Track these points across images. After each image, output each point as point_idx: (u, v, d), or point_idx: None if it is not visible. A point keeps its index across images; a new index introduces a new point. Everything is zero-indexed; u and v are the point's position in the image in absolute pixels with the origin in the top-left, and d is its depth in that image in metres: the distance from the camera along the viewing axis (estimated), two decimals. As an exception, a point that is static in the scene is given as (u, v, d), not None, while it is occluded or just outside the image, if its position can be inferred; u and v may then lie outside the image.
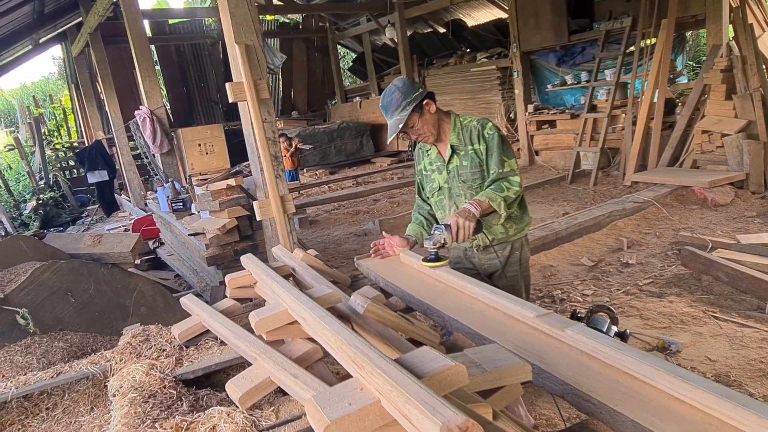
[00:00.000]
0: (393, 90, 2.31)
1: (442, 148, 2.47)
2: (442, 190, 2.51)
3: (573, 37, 8.61)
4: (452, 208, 2.49)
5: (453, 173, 2.45)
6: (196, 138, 8.35)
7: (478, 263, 2.55)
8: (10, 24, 8.76)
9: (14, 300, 2.70)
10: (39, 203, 9.97)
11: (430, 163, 2.54)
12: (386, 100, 2.32)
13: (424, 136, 2.39)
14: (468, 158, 2.41)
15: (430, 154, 2.53)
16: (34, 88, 22.35)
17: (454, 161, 2.44)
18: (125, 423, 1.70)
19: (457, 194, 2.46)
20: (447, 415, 0.82)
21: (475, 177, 2.41)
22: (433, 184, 2.54)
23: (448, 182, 2.48)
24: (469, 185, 2.42)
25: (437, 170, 2.51)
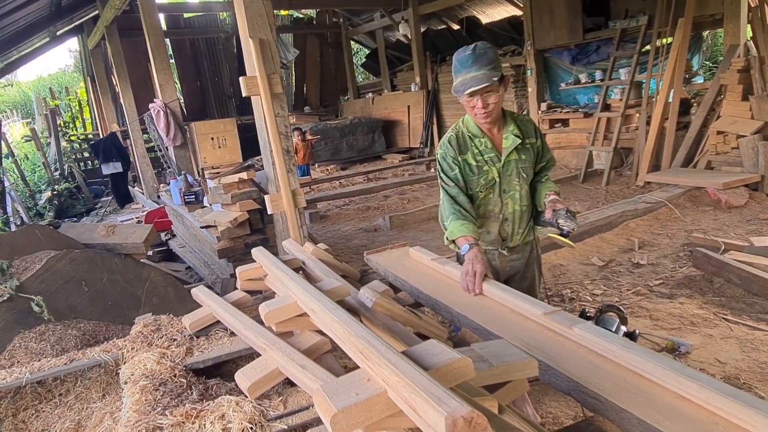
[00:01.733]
0: (485, 46, 2.13)
1: (496, 138, 2.29)
2: (494, 185, 2.32)
3: (588, 35, 8.54)
4: (498, 205, 2.34)
5: (508, 167, 2.29)
6: (209, 131, 8.40)
7: (499, 266, 2.45)
8: (28, 16, 8.86)
9: (29, 288, 2.75)
10: (54, 194, 10.10)
11: (480, 153, 2.29)
12: (479, 51, 2.10)
13: (489, 110, 2.17)
14: (527, 153, 2.31)
15: (480, 144, 2.28)
16: (50, 80, 22.59)
17: (513, 155, 2.28)
18: (136, 410, 1.73)
19: (505, 190, 2.31)
20: (452, 405, 0.83)
21: (530, 172, 2.34)
22: (487, 176, 2.30)
23: (500, 176, 2.30)
24: (526, 180, 2.32)
25: (490, 162, 2.29)
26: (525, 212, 2.38)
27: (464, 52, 2.14)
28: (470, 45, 2.15)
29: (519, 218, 2.38)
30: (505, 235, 2.41)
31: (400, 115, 12.27)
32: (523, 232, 2.41)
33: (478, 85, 2.07)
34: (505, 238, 2.41)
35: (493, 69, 2.07)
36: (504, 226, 2.38)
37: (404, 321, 1.85)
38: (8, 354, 2.50)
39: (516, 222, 2.37)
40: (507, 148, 2.27)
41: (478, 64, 2.08)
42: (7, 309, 2.62)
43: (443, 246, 2.37)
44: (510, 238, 2.41)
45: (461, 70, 2.13)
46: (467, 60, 2.11)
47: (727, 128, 6.25)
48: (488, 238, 2.43)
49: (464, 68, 2.11)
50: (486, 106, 2.15)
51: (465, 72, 2.11)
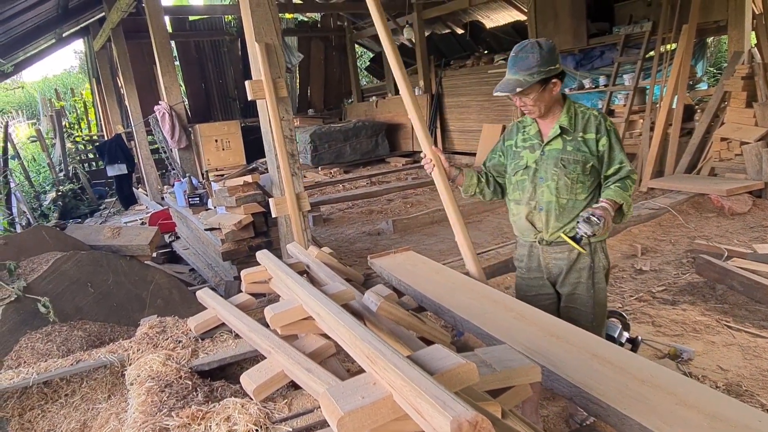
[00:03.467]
0: (534, 49, 2.11)
1: (545, 127, 2.31)
2: (527, 170, 2.33)
3: (592, 40, 8.56)
4: (530, 192, 2.33)
5: (548, 155, 2.27)
6: (212, 134, 8.44)
7: (543, 261, 2.40)
8: (35, 18, 8.92)
9: (36, 289, 2.78)
10: (58, 195, 10.15)
11: (524, 140, 2.36)
12: (520, 54, 2.12)
13: (530, 109, 2.24)
14: (575, 144, 2.24)
15: (528, 130, 2.36)
16: (56, 81, 22.70)
17: (557, 143, 2.26)
18: (142, 411, 1.74)
19: (541, 178, 2.29)
20: (457, 409, 0.85)
21: (576, 166, 2.24)
22: (520, 162, 2.35)
23: (537, 163, 2.30)
24: (567, 172, 2.24)
25: (530, 148, 2.33)
26: (565, 207, 2.28)
27: (513, 51, 2.17)
28: (523, 43, 2.16)
29: (556, 211, 2.29)
30: (540, 225, 2.35)
31: (403, 118, 12.29)
32: (563, 228, 2.30)
33: (503, 90, 2.14)
34: (540, 230, 2.36)
35: (529, 74, 2.09)
36: (536, 214, 2.34)
37: (408, 325, 1.87)
38: (15, 354, 2.52)
39: (552, 214, 2.29)
40: (549, 136, 2.28)
41: (515, 68, 2.12)
42: (15, 310, 2.65)
43: (446, 250, 2.40)
44: (544, 229, 2.34)
45: (508, 69, 2.19)
46: (510, 61, 2.16)
47: (731, 135, 6.25)
48: (518, 224, 2.43)
49: (508, 68, 2.17)
50: (524, 105, 2.22)
51: (507, 72, 2.17)
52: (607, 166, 2.25)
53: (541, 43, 2.12)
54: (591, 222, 2.07)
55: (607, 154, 2.24)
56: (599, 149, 2.24)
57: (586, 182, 2.27)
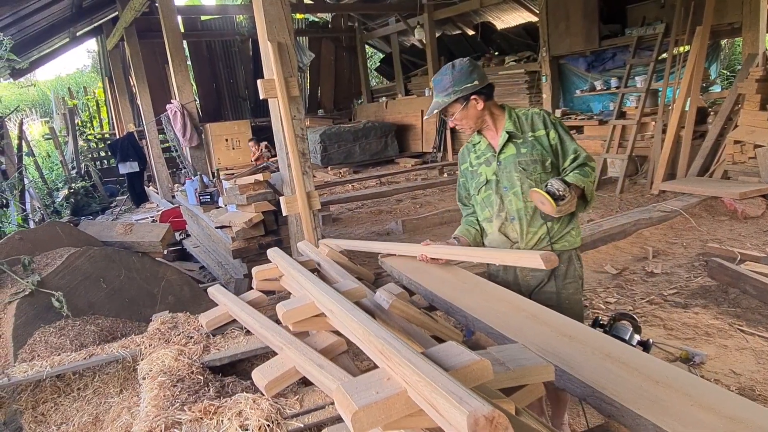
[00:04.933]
0: (447, 71, 2.18)
1: (493, 138, 2.29)
2: (489, 184, 2.30)
3: (604, 42, 8.52)
4: (498, 204, 2.29)
5: (505, 163, 2.24)
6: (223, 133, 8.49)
7: (520, 273, 2.32)
8: (49, 17, 9.02)
9: (50, 283, 2.80)
10: (71, 192, 10.25)
11: (477, 157, 2.35)
12: (437, 77, 2.21)
13: (462, 126, 2.27)
14: (528, 145, 2.22)
15: (479, 147, 2.35)
16: (69, 80, 22.92)
17: (509, 149, 2.24)
18: (155, 405, 1.76)
19: (505, 187, 2.25)
20: (474, 404, 0.85)
21: (535, 165, 2.20)
22: (479, 179, 2.33)
23: (496, 174, 2.27)
24: (528, 174, 2.20)
25: (485, 163, 2.31)
26: (535, 211, 2.22)
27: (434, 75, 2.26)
28: (443, 67, 2.25)
29: (528, 217, 2.25)
30: (514, 236, 2.29)
31: (413, 119, 12.30)
32: (539, 234, 2.26)
33: (429, 114, 2.24)
34: (515, 240, 2.29)
35: (445, 95, 2.16)
36: (509, 225, 2.29)
37: (420, 323, 1.87)
38: (29, 348, 2.55)
39: (524, 221, 2.25)
40: (500, 144, 2.26)
41: (436, 90, 2.20)
42: (29, 304, 2.67)
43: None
44: (521, 238, 2.27)
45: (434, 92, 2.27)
46: (433, 83, 2.25)
47: (745, 138, 6.19)
48: (493, 240, 2.36)
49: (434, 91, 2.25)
50: (456, 123, 2.26)
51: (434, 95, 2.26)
52: (563, 159, 2.22)
53: (455, 63, 2.18)
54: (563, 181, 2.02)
55: (560, 147, 2.22)
56: (551, 143, 2.22)
57: None
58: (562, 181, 2.03)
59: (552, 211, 2.02)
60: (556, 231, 2.26)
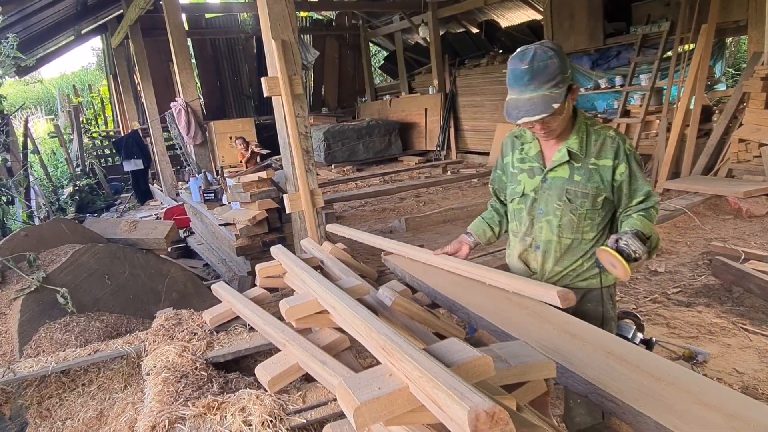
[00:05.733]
0: (548, 52, 1.68)
1: (548, 148, 1.91)
2: (524, 198, 1.96)
3: (608, 40, 8.49)
4: (526, 225, 1.98)
5: (551, 184, 1.89)
6: (227, 131, 8.52)
7: None
8: (54, 15, 9.05)
9: (55, 280, 2.82)
10: (75, 189, 10.29)
11: (521, 160, 1.98)
12: (538, 62, 1.66)
13: (552, 131, 1.80)
14: (585, 173, 1.83)
15: (527, 149, 1.97)
16: (73, 78, 23.01)
17: (562, 171, 1.86)
18: (159, 400, 1.77)
19: (540, 211, 1.93)
20: (475, 400, 0.85)
21: (585, 200, 1.84)
22: (516, 187, 1.99)
23: (536, 192, 1.93)
24: (573, 207, 1.86)
25: (528, 172, 1.95)
26: (569, 248, 1.92)
27: (520, 62, 1.70)
28: (528, 51, 1.70)
29: (555, 252, 1.94)
30: (534, 266, 2.01)
31: (417, 117, 12.29)
32: (564, 272, 1.96)
33: (534, 114, 1.68)
34: (534, 271, 2.01)
35: (555, 86, 1.67)
36: (531, 253, 2.00)
37: (422, 320, 1.88)
38: (34, 344, 2.57)
39: (550, 255, 1.94)
40: (554, 161, 1.87)
41: (536, 83, 1.67)
42: (34, 300, 2.69)
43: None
44: (540, 272, 1.99)
45: (515, 87, 1.72)
46: (522, 76, 1.68)
47: (750, 136, 6.17)
48: (512, 263, 2.11)
49: (518, 85, 1.70)
50: (546, 129, 1.79)
51: (519, 90, 1.70)
52: (627, 198, 1.86)
53: (550, 45, 1.72)
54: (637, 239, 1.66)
55: (627, 184, 1.84)
56: (616, 179, 1.84)
57: (595, 218, 1.89)
58: (638, 239, 1.67)
59: (624, 276, 1.68)
60: (586, 269, 1.95)
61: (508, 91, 1.77)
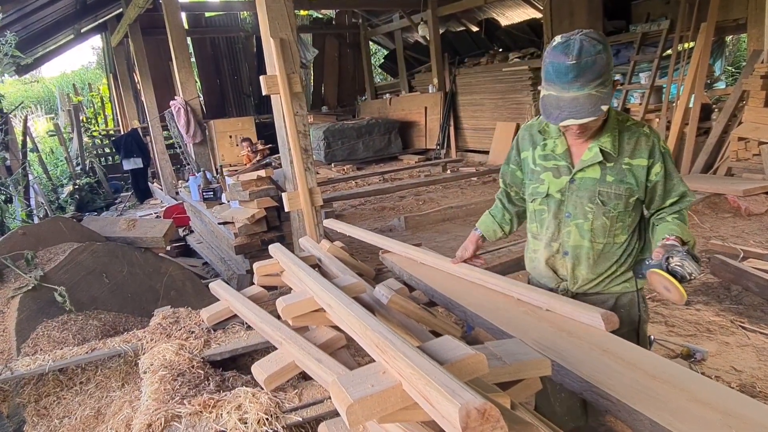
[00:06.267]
0: (597, 46, 1.50)
1: (575, 145, 1.76)
2: (548, 200, 1.81)
3: (608, 38, 8.48)
4: (552, 230, 1.83)
5: (580, 186, 1.74)
6: (227, 129, 8.51)
7: None
8: (54, 14, 9.05)
9: (53, 278, 2.82)
10: (75, 188, 10.29)
11: (544, 157, 1.81)
12: (586, 57, 1.48)
13: (589, 131, 1.67)
14: (617, 174, 1.71)
15: (552, 146, 1.79)
16: (73, 77, 23.01)
17: (592, 171, 1.72)
18: (155, 398, 1.77)
19: (568, 214, 1.78)
20: (466, 397, 0.85)
21: (618, 202, 1.72)
22: (538, 187, 1.82)
23: (563, 193, 1.77)
24: (606, 210, 1.73)
25: (553, 171, 1.78)
26: (601, 254, 1.79)
27: (564, 56, 1.51)
28: (572, 43, 1.51)
29: (589, 259, 1.80)
30: (563, 273, 1.88)
31: (417, 116, 12.29)
32: (598, 279, 1.84)
33: (580, 117, 1.52)
34: (563, 278, 1.88)
35: (602, 84, 1.51)
36: (559, 259, 1.85)
37: (419, 318, 1.88)
38: (32, 342, 2.57)
39: (582, 262, 1.80)
40: (584, 160, 1.72)
41: (583, 80, 1.50)
42: (32, 298, 2.69)
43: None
44: (571, 279, 1.86)
45: (556, 83, 1.53)
46: (567, 72, 1.50)
47: (749, 134, 6.16)
48: (538, 271, 1.96)
49: (561, 82, 1.52)
50: (585, 130, 1.64)
51: (561, 87, 1.52)
52: (661, 199, 1.75)
53: (595, 36, 1.52)
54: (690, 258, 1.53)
55: (663, 185, 1.73)
56: (650, 179, 1.72)
57: (626, 220, 1.77)
58: (692, 257, 1.53)
59: (680, 300, 1.56)
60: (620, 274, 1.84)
61: (543, 85, 1.60)
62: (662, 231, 1.70)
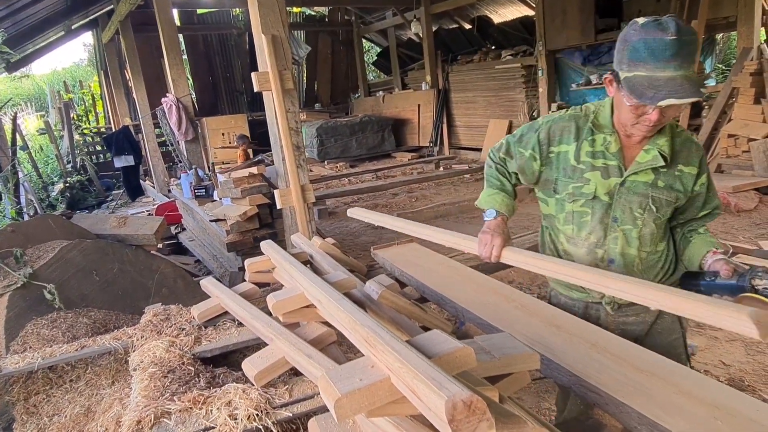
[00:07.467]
0: (690, 29, 1.39)
1: (629, 147, 1.62)
2: (593, 203, 1.65)
3: (600, 36, 8.51)
4: (598, 235, 1.67)
5: (631, 189, 1.62)
6: (219, 127, 8.48)
7: (605, 325, 1.74)
8: (43, 10, 8.97)
9: (42, 276, 2.81)
10: (66, 186, 10.22)
11: (594, 154, 1.64)
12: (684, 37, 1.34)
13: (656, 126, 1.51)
14: (669, 180, 1.61)
15: (604, 142, 1.64)
16: (64, 74, 22.85)
17: (645, 174, 1.60)
18: (145, 395, 1.76)
19: (616, 219, 1.64)
20: (453, 390, 0.86)
21: (668, 209, 1.64)
22: (583, 187, 1.65)
23: (611, 196, 1.64)
24: (656, 217, 1.63)
25: (602, 170, 1.63)
26: (649, 263, 1.70)
27: (662, 32, 1.35)
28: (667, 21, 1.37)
29: (635, 267, 1.68)
30: None
31: (410, 113, 12.29)
32: None
33: (684, 96, 1.34)
34: None
35: (693, 66, 1.40)
36: (606, 268, 1.67)
37: (409, 314, 1.88)
38: (21, 340, 2.55)
39: (629, 270, 1.66)
40: (640, 163, 1.60)
41: (681, 59, 1.35)
42: (21, 296, 2.68)
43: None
44: None
45: (649, 62, 1.37)
46: (665, 49, 1.34)
47: (739, 131, 6.21)
48: None
49: (656, 60, 1.36)
50: (661, 119, 1.48)
51: (656, 66, 1.37)
52: (698, 210, 1.70)
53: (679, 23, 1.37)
54: None
55: (703, 196, 1.68)
56: (695, 189, 1.65)
57: (665, 228, 1.72)
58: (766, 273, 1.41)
59: None
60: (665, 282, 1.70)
61: (626, 67, 1.44)
62: (702, 244, 1.65)
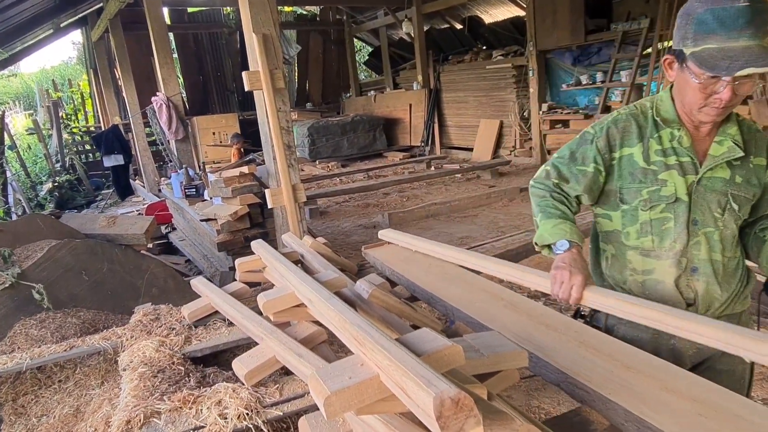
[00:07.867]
0: None
1: (699, 139, 1.46)
2: (676, 205, 1.46)
3: (590, 37, 8.57)
4: (683, 242, 1.47)
5: (708, 187, 1.45)
6: (210, 126, 8.44)
7: (679, 345, 1.53)
8: (32, 8, 8.88)
9: (30, 275, 2.79)
10: (55, 185, 10.14)
11: (665, 152, 1.46)
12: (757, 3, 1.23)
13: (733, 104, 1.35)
14: (746, 173, 1.46)
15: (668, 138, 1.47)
16: (53, 72, 22.65)
17: (721, 170, 1.45)
18: (135, 395, 1.76)
19: (696, 221, 1.46)
20: (441, 387, 0.86)
21: (747, 206, 1.48)
22: (661, 190, 1.46)
23: (690, 194, 1.46)
24: (737, 218, 1.47)
25: (678, 168, 1.45)
26: (731, 268, 1.51)
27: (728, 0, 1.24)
28: None
29: (719, 274, 1.49)
30: (690, 294, 1.50)
31: (401, 113, 12.31)
32: (729, 300, 1.51)
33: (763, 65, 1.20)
34: (690, 302, 1.50)
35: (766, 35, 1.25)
36: (689, 278, 1.49)
37: (399, 313, 1.89)
38: (9, 340, 2.54)
39: (714, 279, 1.48)
40: (716, 156, 1.44)
41: (755, 27, 1.23)
42: (9, 296, 2.66)
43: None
44: (703, 303, 1.50)
45: (719, 32, 1.25)
46: (737, 17, 1.23)
47: (727, 132, 6.28)
48: (660, 292, 1.52)
49: (726, 29, 1.24)
50: (733, 98, 1.32)
51: (727, 36, 1.24)
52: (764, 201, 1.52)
53: None
54: None
55: None
56: (766, 181, 1.49)
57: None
58: None
59: None
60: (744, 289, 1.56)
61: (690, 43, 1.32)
62: None
